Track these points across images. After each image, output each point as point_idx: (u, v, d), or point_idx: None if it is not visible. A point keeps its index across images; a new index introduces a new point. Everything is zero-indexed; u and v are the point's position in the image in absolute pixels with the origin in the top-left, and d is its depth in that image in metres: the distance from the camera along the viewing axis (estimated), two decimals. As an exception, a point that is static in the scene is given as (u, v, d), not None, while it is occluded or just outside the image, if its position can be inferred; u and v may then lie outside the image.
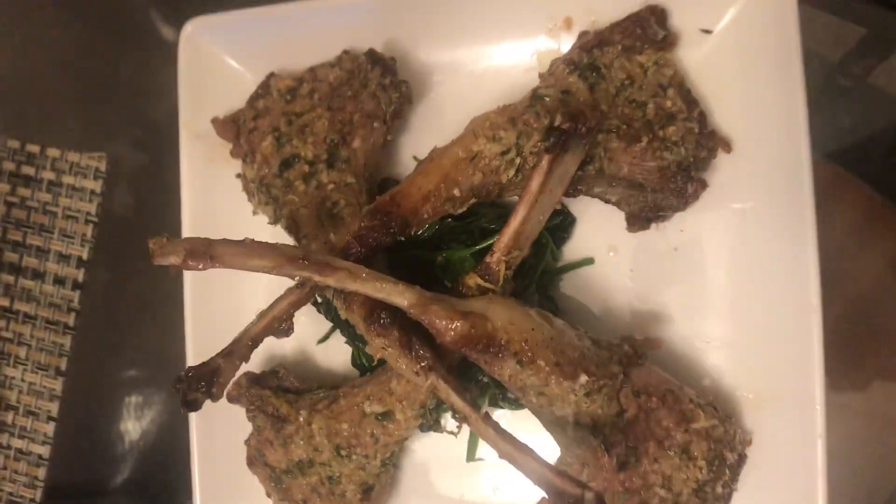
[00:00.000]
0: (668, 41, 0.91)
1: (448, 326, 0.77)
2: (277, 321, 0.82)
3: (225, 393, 0.98)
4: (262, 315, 0.82)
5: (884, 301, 1.06)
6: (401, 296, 0.78)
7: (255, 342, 0.82)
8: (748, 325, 0.92)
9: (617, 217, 0.96)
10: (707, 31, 0.93)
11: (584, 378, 0.79)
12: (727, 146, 0.91)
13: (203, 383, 0.77)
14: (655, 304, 0.96)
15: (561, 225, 0.98)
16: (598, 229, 0.98)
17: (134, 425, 1.26)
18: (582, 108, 0.82)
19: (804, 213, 0.87)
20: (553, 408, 0.82)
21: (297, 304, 0.82)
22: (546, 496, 0.74)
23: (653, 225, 0.94)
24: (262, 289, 0.98)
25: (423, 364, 0.80)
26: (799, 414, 0.87)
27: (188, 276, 1.03)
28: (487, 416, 0.77)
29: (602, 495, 0.71)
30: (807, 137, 0.87)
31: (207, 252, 0.76)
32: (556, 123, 0.78)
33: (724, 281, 0.93)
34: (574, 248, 0.99)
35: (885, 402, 0.97)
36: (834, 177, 1.09)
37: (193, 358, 1.01)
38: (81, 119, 1.24)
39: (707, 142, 0.90)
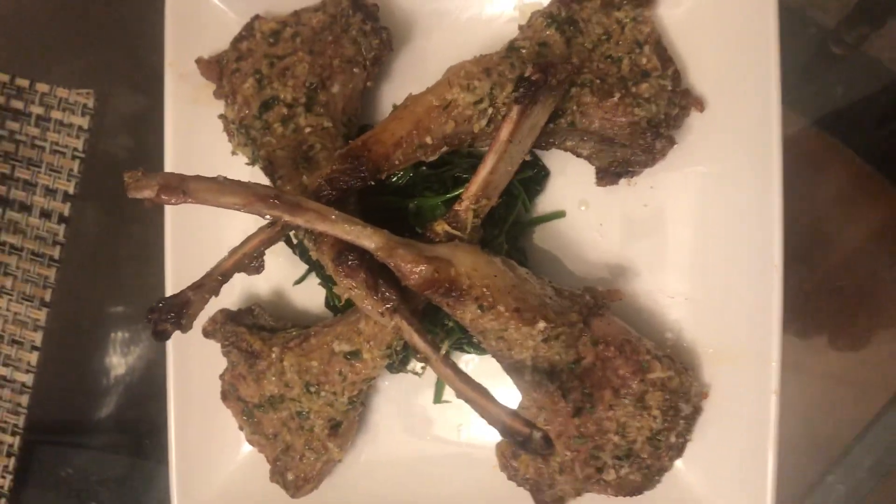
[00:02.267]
0: (647, -3, 0.92)
1: (413, 269, 0.79)
2: (248, 258, 0.84)
3: (202, 328, 1.03)
4: (233, 252, 0.84)
5: (864, 269, 1.07)
6: (368, 238, 0.80)
7: (226, 277, 0.84)
8: (712, 282, 0.94)
9: (590, 172, 0.98)
10: (687, -12, 0.94)
11: (542, 324, 0.82)
12: (700, 105, 0.93)
13: (173, 314, 0.80)
14: (623, 258, 0.98)
15: (534, 178, 0.99)
16: (572, 184, 1.00)
17: (119, 360, 1.28)
18: (554, 60, 0.83)
19: (771, 175, 0.88)
20: (512, 352, 0.84)
21: (268, 243, 0.85)
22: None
23: (623, 181, 0.96)
24: (239, 228, 1.00)
25: (388, 305, 0.83)
26: (755, 370, 0.90)
27: (169, 213, 1.05)
28: (447, 358, 0.80)
29: (549, 436, 0.74)
30: (778, 100, 0.88)
31: (180, 187, 0.78)
32: (527, 75, 0.79)
33: (691, 238, 0.95)
34: (547, 201, 1.01)
35: (839, 365, 1.00)
36: (823, 145, 1.11)
37: (172, 291, 1.03)
38: (71, 56, 1.25)
39: (680, 100, 0.91)
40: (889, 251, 1.08)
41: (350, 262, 0.82)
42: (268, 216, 0.80)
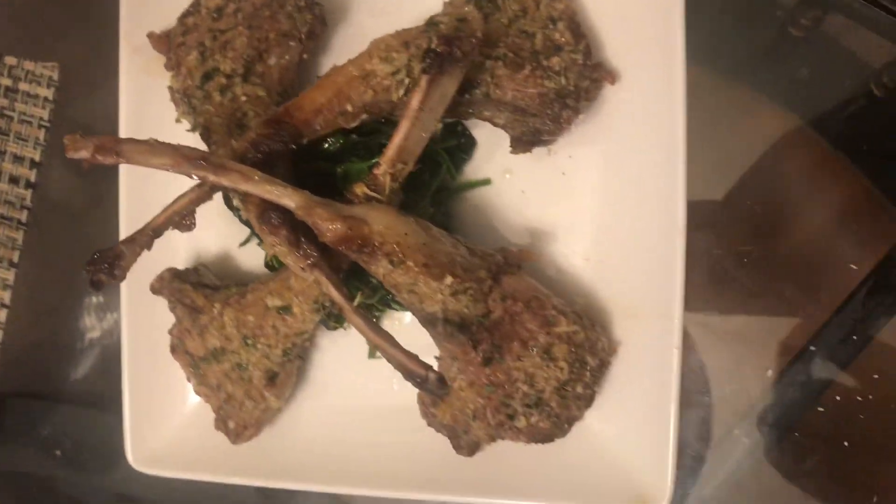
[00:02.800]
0: (562, -24, 0.98)
1: (328, 227, 0.86)
2: (178, 215, 0.91)
3: (150, 285, 1.10)
4: (164, 209, 0.91)
5: (821, 249, 1.12)
6: (289, 198, 0.86)
7: (157, 232, 0.91)
8: (622, 246, 1.00)
9: (512, 142, 1.04)
10: (603, -33, 0.99)
11: (449, 279, 0.88)
12: (611, 78, 0.98)
13: (106, 265, 0.87)
14: (542, 222, 1.04)
15: (461, 146, 1.05)
16: (497, 153, 1.06)
17: (92, 321, 1.34)
18: (460, 34, 0.89)
19: (676, 143, 0.94)
20: (423, 305, 0.91)
21: (197, 201, 0.91)
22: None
23: (544, 151, 1.02)
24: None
25: (308, 261, 0.89)
26: (660, 327, 0.96)
27: (123, 177, 1.12)
28: (358, 308, 0.87)
29: (444, 377, 0.80)
30: (682, 72, 0.93)
31: (114, 148, 0.84)
32: (433, 47, 0.85)
33: (604, 204, 1.02)
34: (474, 169, 1.08)
35: (748, 326, 1.06)
36: (789, 127, 1.14)
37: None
38: (36, 31, 1.31)
39: (591, 73, 0.97)
40: (843, 228, 1.11)
41: (273, 220, 0.89)
42: (195, 177, 0.87)
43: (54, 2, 1.30)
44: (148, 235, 0.90)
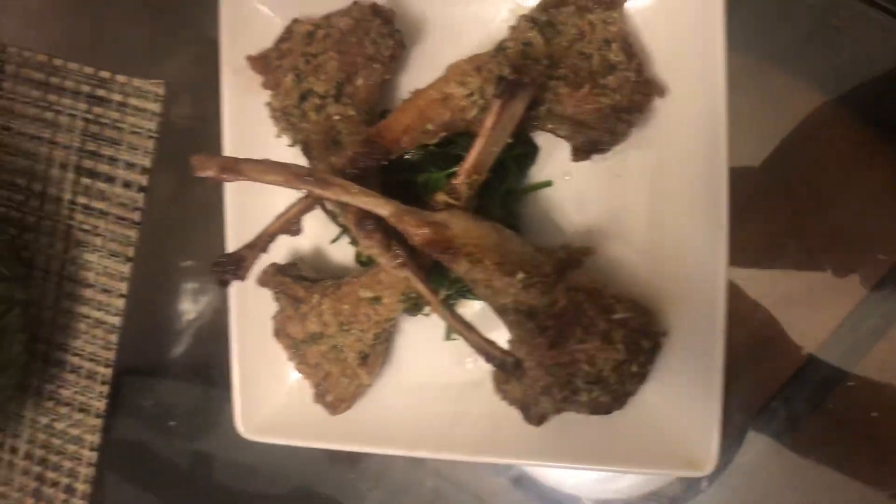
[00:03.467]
0: (614, 1, 1.09)
1: (416, 232, 1.00)
2: (289, 223, 1.07)
3: (257, 279, 1.26)
4: (277, 217, 1.07)
5: (859, 229, 1.19)
6: (382, 207, 1.01)
7: (272, 238, 1.06)
8: (672, 240, 1.12)
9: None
10: (653, -11, 1.11)
11: (520, 275, 1.02)
12: (661, 91, 1.10)
13: (231, 267, 1.03)
14: (599, 219, 1.17)
15: (526, 154, 1.18)
16: (558, 159, 1.19)
17: (190, 306, 1.50)
18: (528, 62, 1.02)
19: (718, 147, 1.05)
20: (497, 298, 1.05)
21: (304, 211, 1.07)
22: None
23: (595, 156, 1.14)
24: (282, 200, 1.21)
25: (398, 261, 1.04)
26: (706, 312, 1.08)
27: (227, 188, 1.28)
28: (444, 301, 1.01)
29: (520, 361, 0.95)
30: (724, 83, 1.04)
31: (235, 168, 1.00)
32: (505, 75, 0.99)
33: (655, 203, 1.14)
34: (538, 173, 1.21)
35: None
36: (829, 111, 1.20)
37: (231, 248, 1.26)
38: (143, 50, 1.47)
39: (643, 88, 1.09)
40: (882, 208, 1.18)
41: (368, 226, 1.03)
42: (303, 190, 1.02)
43: (160, 27, 1.45)
44: (265, 241, 1.05)
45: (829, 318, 1.16)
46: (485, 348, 0.96)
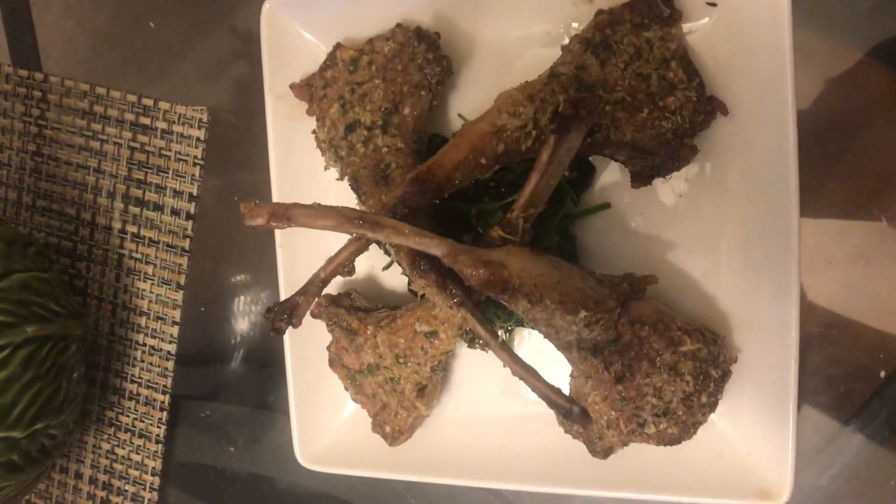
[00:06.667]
0: (672, 17, 1.03)
1: (472, 273, 0.97)
2: (341, 266, 1.04)
3: (310, 311, 1.24)
4: (329, 261, 1.04)
5: None
6: (436, 248, 0.98)
7: (325, 283, 1.04)
8: (738, 262, 1.08)
9: (632, 169, 1.12)
10: (712, 4, 1.05)
11: (583, 314, 0.98)
12: (724, 110, 1.04)
13: (286, 315, 1.01)
14: (660, 243, 1.12)
15: (581, 176, 1.14)
16: (616, 179, 1.14)
17: (243, 331, 1.49)
18: (584, 94, 0.97)
19: (788, 170, 1.00)
20: (559, 335, 1.01)
21: (356, 253, 1.04)
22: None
23: (656, 181, 1.09)
24: (333, 238, 1.18)
25: (454, 300, 1.01)
26: (779, 338, 1.04)
27: (277, 233, 1.26)
28: (504, 344, 0.98)
29: (586, 410, 0.92)
30: (793, 103, 0.99)
31: (285, 214, 0.97)
32: (560, 110, 0.94)
33: (719, 224, 1.08)
34: (595, 196, 1.16)
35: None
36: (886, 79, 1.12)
37: (284, 292, 1.25)
38: (184, 77, 1.45)
39: (705, 107, 1.03)
40: None
41: (423, 267, 1.01)
42: (355, 233, 0.99)
43: (202, 55, 1.43)
44: (317, 286, 1.03)
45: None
46: (548, 396, 0.93)
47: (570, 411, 0.91)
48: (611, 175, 1.15)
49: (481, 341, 1.01)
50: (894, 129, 1.11)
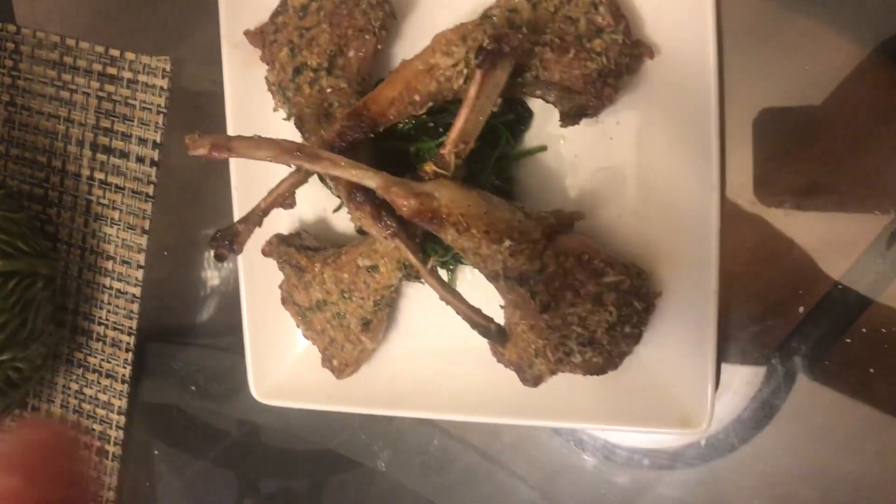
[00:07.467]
0: (602, -37, 1.08)
1: (404, 203, 1.02)
2: (282, 197, 1.09)
3: (261, 249, 1.30)
4: (270, 192, 1.10)
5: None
6: (370, 179, 1.03)
7: (266, 212, 1.09)
8: (665, 201, 1.12)
9: (564, 113, 1.16)
10: (641, -50, 1.09)
11: (507, 242, 1.03)
12: (650, 53, 1.09)
13: (227, 241, 1.07)
14: (593, 182, 1.17)
15: (519, 119, 1.19)
16: (552, 122, 1.19)
17: (212, 274, 1.55)
18: (510, 30, 1.02)
19: (709, 111, 1.05)
20: (486, 264, 1.07)
21: (296, 185, 1.09)
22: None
23: (589, 119, 1.14)
24: (285, 173, 1.23)
25: (389, 231, 1.06)
26: (699, 272, 1.09)
27: (232, 164, 1.31)
28: (432, 270, 1.04)
29: (503, 328, 0.97)
30: (714, 41, 1.04)
31: (226, 145, 1.02)
32: (484, 45, 0.99)
33: (648, 164, 1.14)
34: (532, 138, 1.21)
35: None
36: (857, 55, 1.11)
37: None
38: (149, 29, 1.50)
39: (631, 50, 1.08)
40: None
41: (358, 199, 1.06)
42: (293, 165, 1.04)
43: (164, 7, 1.48)
44: (258, 215, 1.08)
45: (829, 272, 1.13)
46: (470, 316, 0.98)
47: (489, 329, 0.96)
48: (550, 119, 1.20)
49: (411, 269, 1.06)
50: (858, 96, 1.13)
